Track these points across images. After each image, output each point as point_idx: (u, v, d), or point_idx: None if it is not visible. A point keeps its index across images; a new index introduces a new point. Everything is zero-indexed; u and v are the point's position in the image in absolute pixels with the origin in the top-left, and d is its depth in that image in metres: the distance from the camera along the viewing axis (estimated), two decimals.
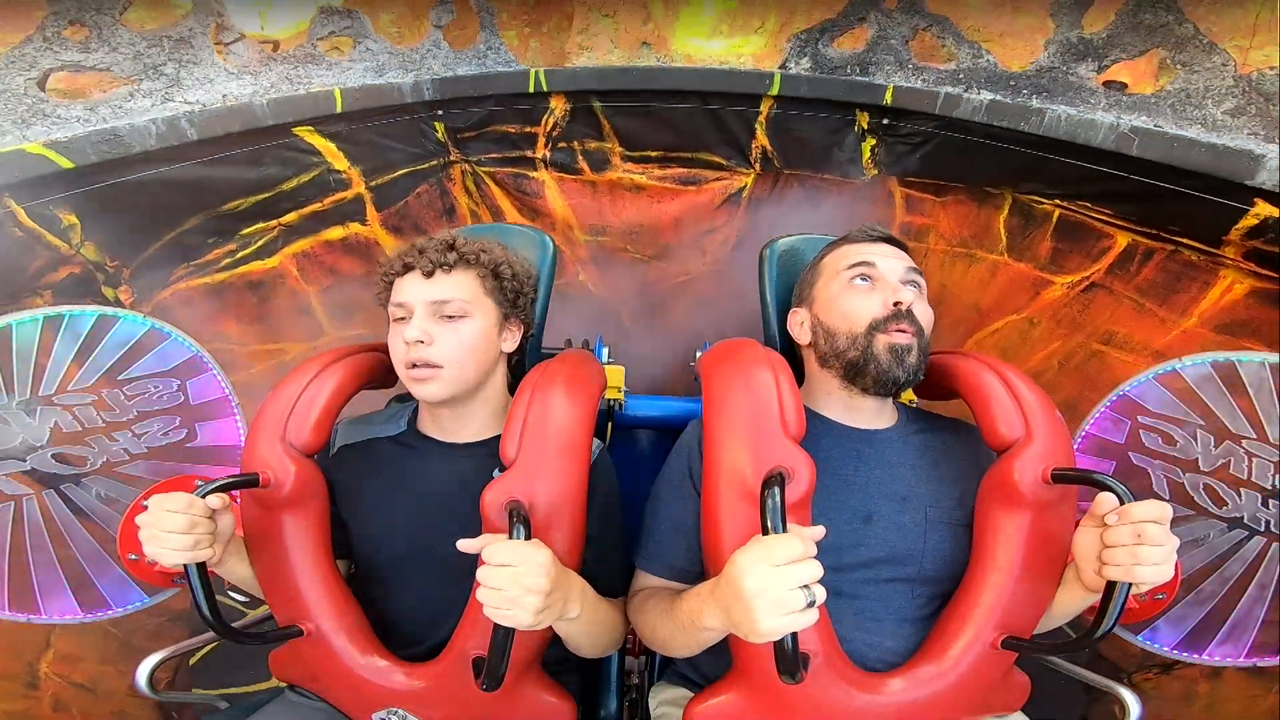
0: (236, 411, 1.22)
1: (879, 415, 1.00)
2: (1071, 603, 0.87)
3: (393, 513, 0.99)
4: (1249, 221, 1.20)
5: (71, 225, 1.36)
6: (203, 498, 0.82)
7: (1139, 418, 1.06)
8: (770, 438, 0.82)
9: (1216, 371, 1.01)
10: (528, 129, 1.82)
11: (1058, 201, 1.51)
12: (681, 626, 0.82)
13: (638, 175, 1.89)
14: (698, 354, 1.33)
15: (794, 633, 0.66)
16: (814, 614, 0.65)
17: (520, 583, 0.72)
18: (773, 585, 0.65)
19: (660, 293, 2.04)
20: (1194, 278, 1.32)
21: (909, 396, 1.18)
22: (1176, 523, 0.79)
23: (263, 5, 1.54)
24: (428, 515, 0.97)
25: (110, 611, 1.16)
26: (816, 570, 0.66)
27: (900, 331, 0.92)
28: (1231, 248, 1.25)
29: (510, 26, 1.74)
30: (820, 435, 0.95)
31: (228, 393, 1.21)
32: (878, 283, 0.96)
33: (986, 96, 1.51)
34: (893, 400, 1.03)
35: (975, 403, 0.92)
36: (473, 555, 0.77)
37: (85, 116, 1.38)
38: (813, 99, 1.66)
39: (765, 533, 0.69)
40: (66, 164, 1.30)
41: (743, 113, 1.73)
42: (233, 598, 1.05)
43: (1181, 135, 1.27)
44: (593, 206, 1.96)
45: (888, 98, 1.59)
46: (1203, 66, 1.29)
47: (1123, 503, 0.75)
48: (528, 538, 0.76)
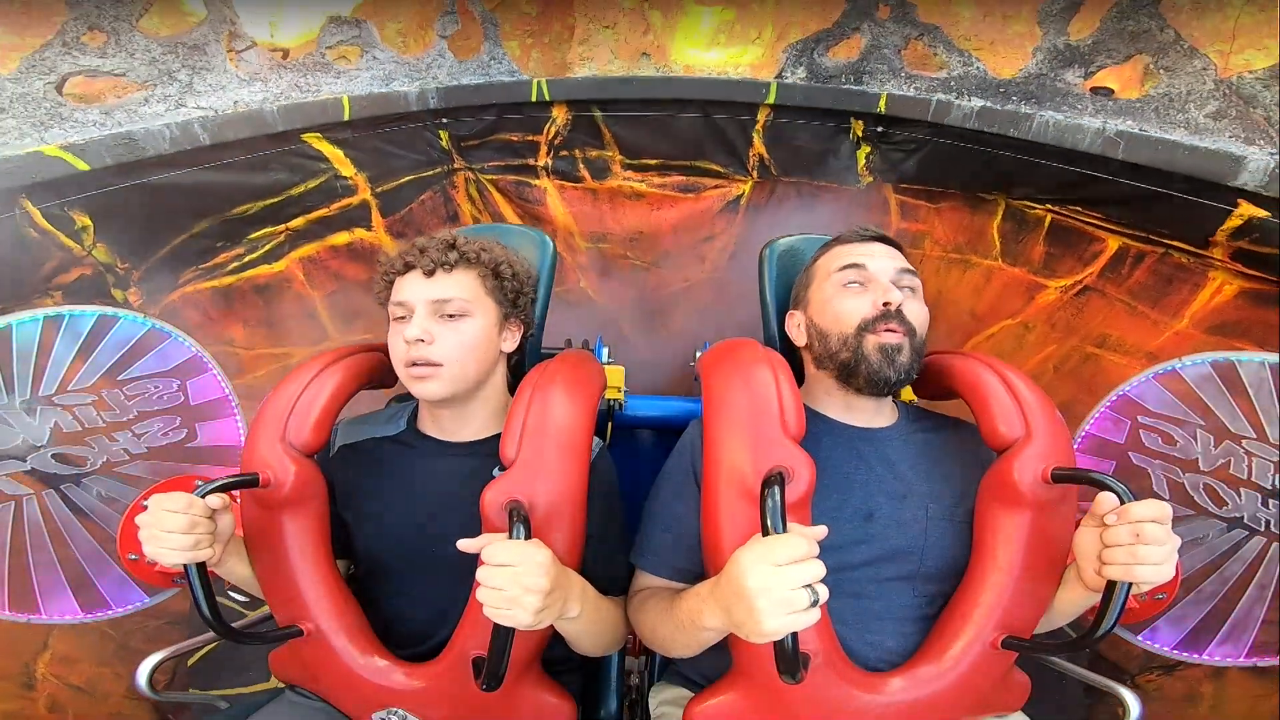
0: (236, 412, 1.20)
1: (878, 414, 0.99)
2: (1072, 603, 0.85)
3: (393, 512, 0.97)
4: (1233, 222, 1.20)
5: (84, 227, 1.35)
6: (202, 498, 0.80)
7: (1139, 418, 1.05)
8: (770, 437, 0.81)
9: (1216, 371, 0.99)
10: (530, 137, 1.82)
11: (1049, 206, 1.50)
12: (682, 626, 0.80)
13: (637, 183, 1.89)
14: (697, 354, 1.32)
15: (794, 632, 0.64)
16: (816, 613, 0.63)
17: (520, 582, 0.70)
18: (775, 585, 0.63)
19: (660, 299, 2.03)
20: (1184, 280, 1.32)
21: (909, 395, 1.16)
22: (1176, 523, 0.77)
23: (273, 14, 1.53)
24: (428, 515, 0.96)
25: (110, 612, 1.13)
26: (819, 570, 0.64)
27: (890, 331, 0.90)
28: (1219, 249, 1.25)
29: (513, 37, 1.74)
30: (820, 434, 0.93)
31: (228, 393, 1.19)
32: (869, 284, 0.94)
33: (977, 103, 1.50)
34: (893, 399, 1.01)
35: (975, 402, 0.91)
36: (473, 555, 0.75)
37: (101, 120, 1.37)
38: (808, 107, 1.66)
39: (765, 533, 0.67)
40: (83, 166, 1.30)
41: (740, 121, 1.73)
42: (233, 598, 1.03)
43: (1165, 138, 1.28)
44: (593, 214, 1.96)
45: (881, 105, 1.59)
46: (1184, 71, 1.29)
47: (1123, 502, 0.73)
48: (528, 537, 0.75)
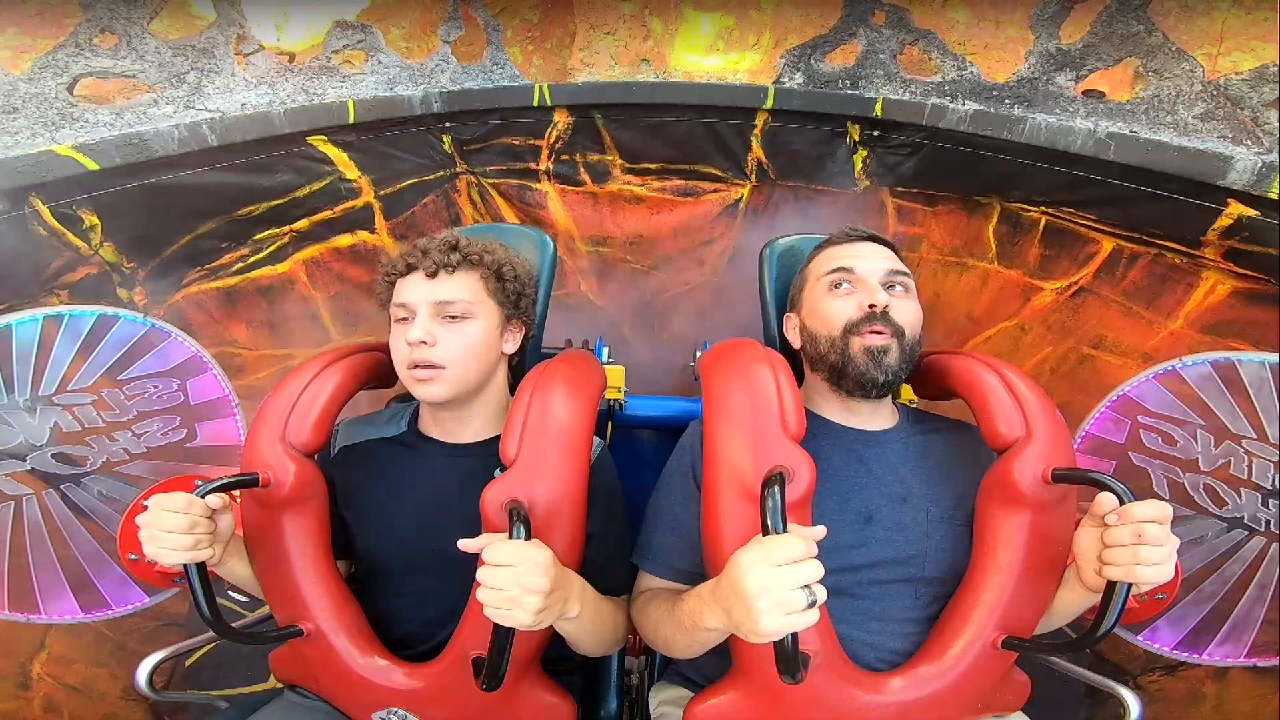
0: (236, 411, 1.19)
1: (877, 416, 0.97)
2: (1072, 603, 0.83)
3: (393, 513, 0.95)
4: (1224, 222, 1.20)
5: (93, 226, 1.34)
6: (202, 497, 0.79)
7: (1139, 418, 1.03)
8: (770, 437, 0.79)
9: (1217, 371, 0.98)
10: (531, 141, 1.80)
11: (1044, 209, 1.49)
12: (683, 627, 0.79)
13: (637, 187, 1.88)
14: (697, 354, 1.30)
15: (794, 633, 0.63)
16: (815, 614, 0.62)
17: (520, 582, 0.69)
18: (774, 585, 0.62)
19: (660, 303, 2.02)
20: (1178, 280, 1.31)
21: (909, 396, 1.15)
22: (1176, 523, 0.76)
23: (280, 18, 1.52)
24: (428, 516, 0.94)
25: (110, 612, 1.11)
26: (818, 570, 0.63)
27: (875, 333, 0.88)
28: (1211, 248, 1.24)
29: (515, 43, 1.73)
30: (820, 436, 0.92)
31: (228, 392, 1.17)
32: (856, 286, 0.93)
33: (971, 107, 1.49)
34: (892, 401, 1.00)
35: (975, 403, 0.89)
36: (473, 555, 0.74)
37: (111, 121, 1.36)
38: (806, 112, 1.65)
39: (765, 533, 0.66)
40: (93, 166, 1.29)
41: (739, 126, 1.71)
42: (233, 598, 1.01)
43: (1155, 139, 1.27)
44: (594, 217, 1.94)
45: (878, 110, 1.58)
46: (1172, 73, 1.29)
47: (1123, 502, 0.71)
48: (528, 537, 0.73)
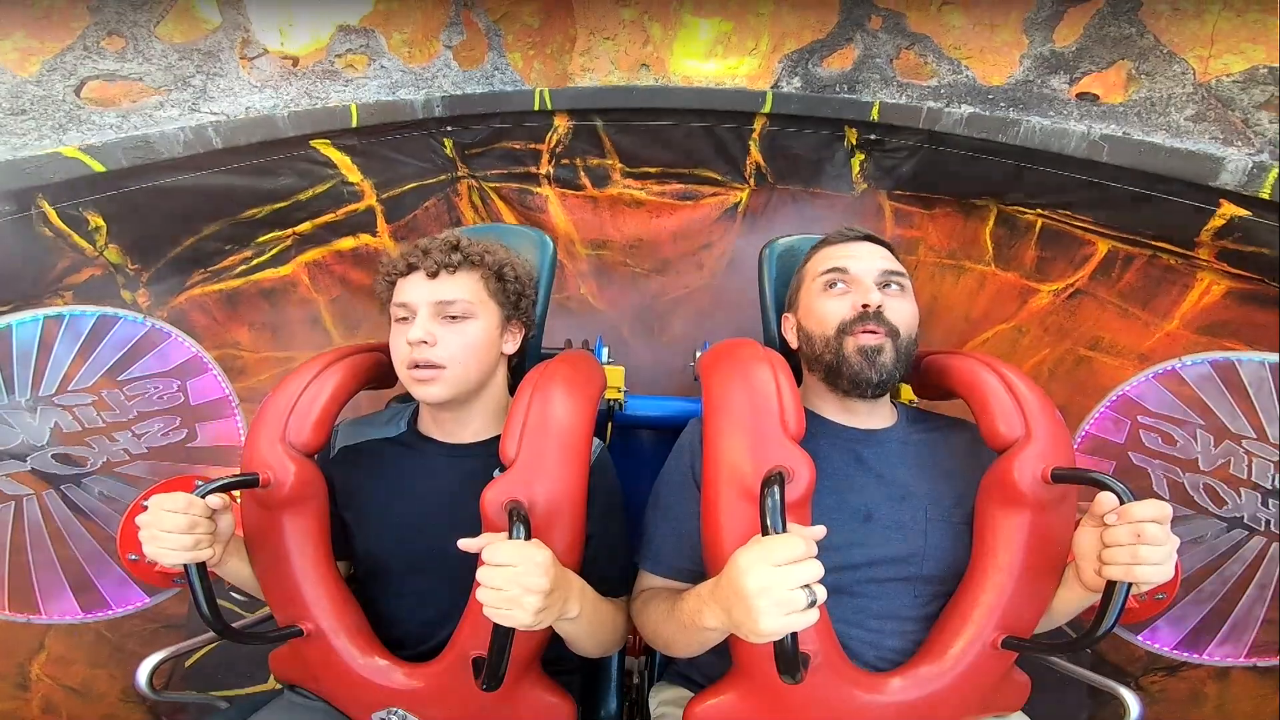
0: (236, 412, 1.18)
1: (876, 415, 0.96)
2: (1072, 602, 0.83)
3: (393, 514, 0.95)
4: (1217, 222, 1.19)
5: (98, 228, 1.33)
6: (202, 498, 0.78)
7: (1139, 418, 1.02)
8: (770, 437, 0.79)
9: (1216, 371, 0.97)
10: (532, 146, 1.80)
11: (1040, 211, 1.48)
12: (683, 627, 0.78)
13: (637, 191, 1.87)
14: (697, 354, 1.29)
15: (794, 632, 0.62)
16: (815, 614, 0.61)
17: (520, 583, 0.68)
18: (774, 585, 0.61)
19: (659, 306, 2.01)
20: (1173, 281, 1.30)
21: (909, 396, 1.14)
22: (1176, 523, 0.75)
23: (284, 22, 1.52)
24: (428, 516, 0.93)
25: (110, 612, 1.10)
26: (818, 570, 0.62)
27: (868, 333, 0.88)
28: (1205, 249, 1.23)
29: (516, 48, 1.72)
30: (819, 435, 0.91)
31: (228, 393, 1.16)
32: (851, 285, 0.92)
33: (967, 110, 1.49)
34: (891, 400, 0.99)
35: (975, 402, 0.88)
36: (473, 555, 0.73)
37: (117, 124, 1.36)
38: (804, 116, 1.64)
39: (765, 532, 0.65)
40: (99, 167, 1.28)
41: (737, 130, 1.71)
42: (233, 598, 1.00)
43: (1148, 141, 1.27)
44: (594, 221, 1.94)
45: (874, 114, 1.57)
46: (1164, 75, 1.28)
47: (1123, 502, 0.71)
48: (528, 537, 0.72)
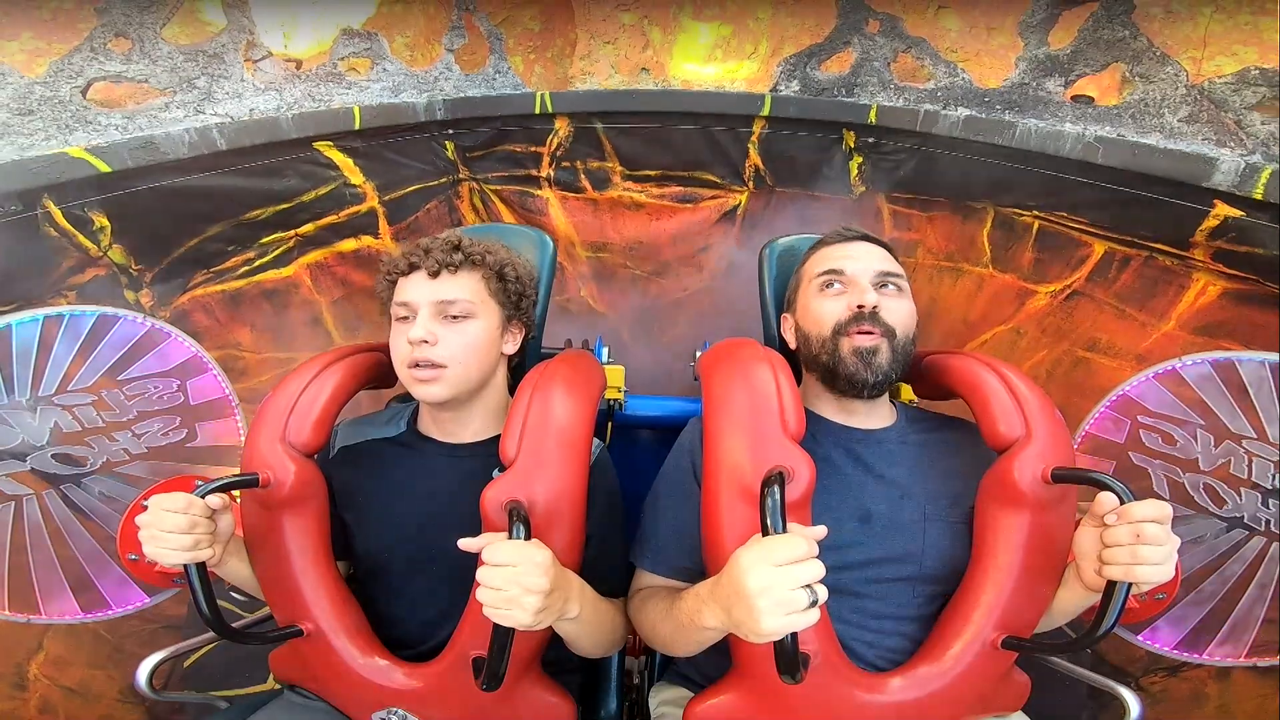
0: (236, 412, 1.17)
1: (874, 415, 0.95)
2: (1071, 602, 0.82)
3: (393, 514, 0.94)
4: (1211, 223, 1.19)
5: (103, 228, 1.32)
6: (202, 498, 0.78)
7: (1139, 417, 1.02)
8: (770, 437, 0.78)
9: (1216, 371, 0.96)
10: (533, 149, 1.80)
11: (1037, 213, 1.48)
12: (682, 626, 0.77)
13: (637, 193, 1.87)
14: (697, 354, 1.28)
15: (794, 632, 0.61)
16: (815, 614, 0.60)
17: (520, 582, 0.67)
18: (775, 585, 0.60)
19: (659, 308, 2.01)
20: (1170, 282, 1.30)
21: (909, 396, 1.13)
22: (1176, 523, 0.74)
23: (288, 25, 1.52)
24: (428, 516, 0.92)
25: (110, 612, 1.09)
26: (818, 570, 0.61)
27: (863, 334, 0.87)
28: (1200, 249, 1.23)
29: (517, 52, 1.72)
30: (818, 436, 0.90)
31: (228, 393, 1.15)
32: (847, 286, 0.91)
33: (963, 113, 1.49)
34: (891, 400, 0.98)
35: (975, 402, 0.87)
36: (473, 555, 0.72)
37: (123, 125, 1.36)
38: (802, 119, 1.64)
39: (765, 532, 0.64)
40: (104, 168, 1.28)
41: (736, 133, 1.70)
42: (233, 598, 0.99)
43: (1141, 143, 1.27)
44: (594, 224, 1.93)
45: (872, 116, 1.57)
46: (1158, 77, 1.28)
47: (1123, 502, 0.70)
48: (528, 537, 0.71)
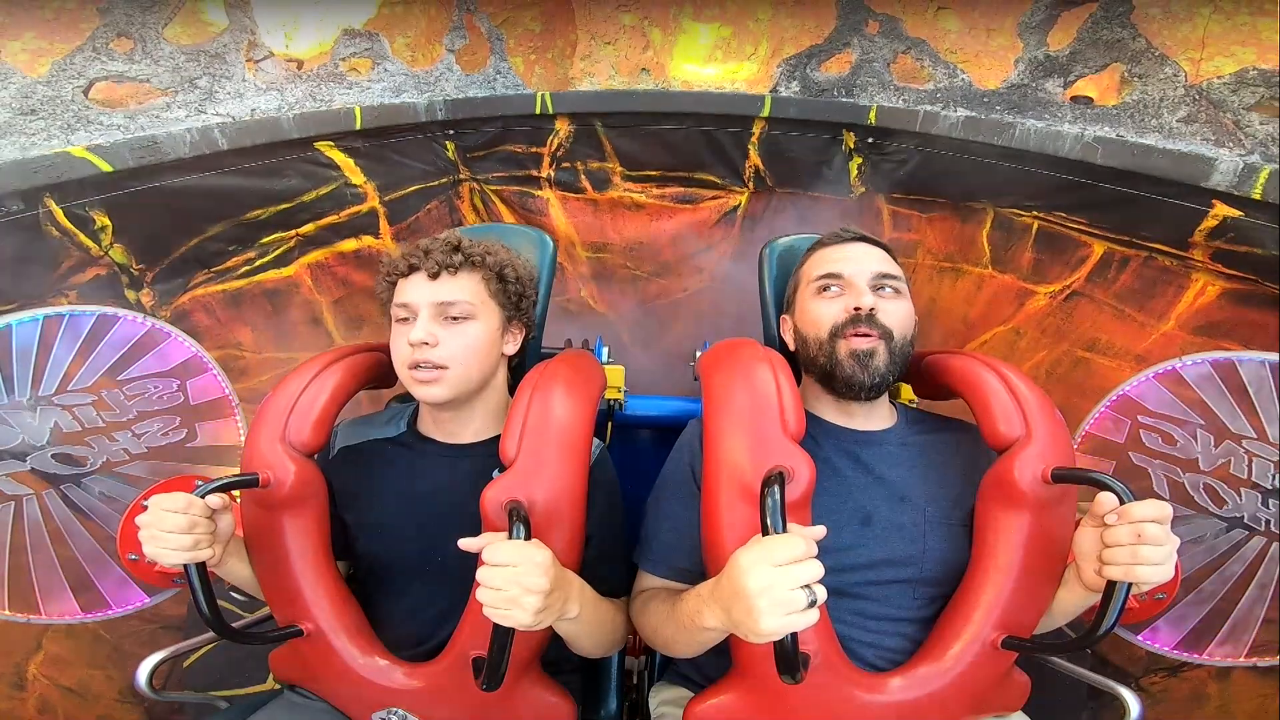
0: (236, 412, 1.16)
1: (874, 416, 0.94)
2: (1072, 602, 0.81)
3: (393, 514, 0.93)
4: (1209, 223, 1.19)
5: (104, 227, 1.32)
6: (202, 498, 0.77)
7: (1139, 417, 1.01)
8: (770, 437, 0.77)
9: (1216, 371, 0.95)
10: (534, 149, 1.79)
11: (1036, 214, 1.47)
12: (683, 627, 0.76)
13: (637, 194, 1.86)
14: (697, 354, 1.28)
15: (794, 633, 0.61)
16: (815, 614, 0.60)
17: (520, 583, 0.67)
18: (775, 585, 0.60)
19: (659, 308, 2.00)
20: (1169, 282, 1.29)
21: (909, 396, 1.12)
22: (1176, 522, 0.74)
23: (289, 26, 1.51)
24: (428, 516, 0.91)
25: (110, 612, 1.09)
26: (818, 570, 0.60)
27: (860, 336, 0.86)
28: (1199, 250, 1.23)
29: (518, 52, 1.72)
30: (819, 437, 0.89)
31: (228, 393, 1.15)
32: (844, 288, 0.91)
33: (962, 113, 1.48)
34: (891, 401, 0.97)
35: (975, 402, 0.87)
36: (473, 555, 0.72)
37: (125, 124, 1.35)
38: (802, 120, 1.63)
39: (765, 532, 0.64)
40: (106, 167, 1.27)
41: (736, 134, 1.70)
42: (233, 598, 0.98)
43: (1140, 143, 1.26)
44: (594, 224, 1.93)
45: (872, 117, 1.56)
46: (1156, 78, 1.28)
47: (1123, 502, 0.69)
48: (528, 537, 0.71)
